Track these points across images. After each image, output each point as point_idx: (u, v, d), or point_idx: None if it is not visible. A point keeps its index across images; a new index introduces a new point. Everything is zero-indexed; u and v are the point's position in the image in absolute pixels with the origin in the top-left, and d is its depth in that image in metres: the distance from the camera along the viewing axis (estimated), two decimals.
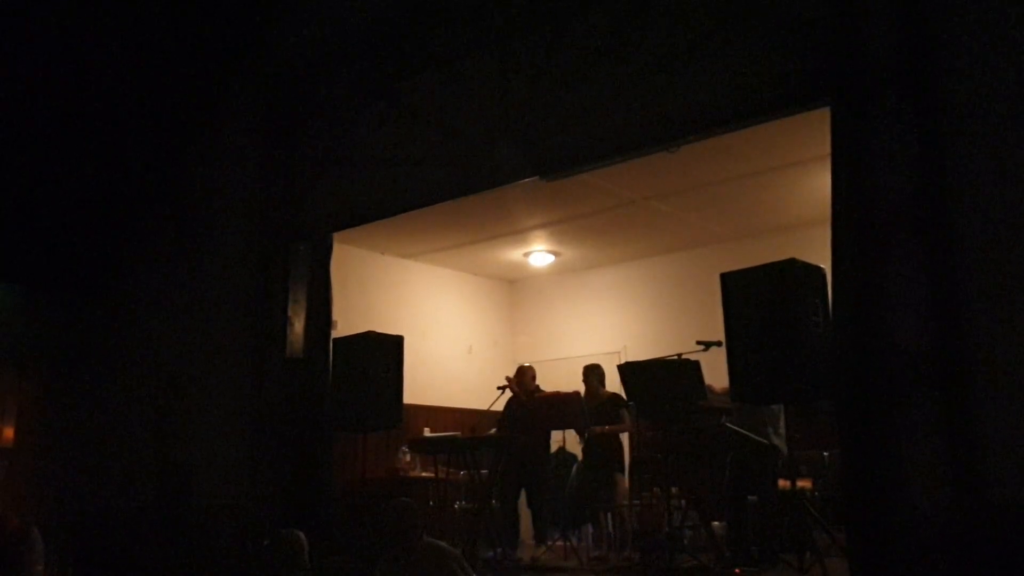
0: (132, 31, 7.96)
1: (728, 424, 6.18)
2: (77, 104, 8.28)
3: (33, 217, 8.72)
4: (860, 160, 4.68)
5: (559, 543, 7.03)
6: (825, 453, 6.74)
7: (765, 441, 6.13)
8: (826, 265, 4.98)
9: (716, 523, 6.38)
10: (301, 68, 7.89)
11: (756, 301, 5.51)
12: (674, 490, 6.48)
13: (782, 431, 6.20)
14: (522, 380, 8.02)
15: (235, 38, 8.48)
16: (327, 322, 7.46)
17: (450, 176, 6.78)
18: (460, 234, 9.69)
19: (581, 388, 7.76)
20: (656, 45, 5.74)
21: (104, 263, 9.54)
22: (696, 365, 6.15)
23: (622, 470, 7.55)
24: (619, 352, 9.74)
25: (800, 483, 6.03)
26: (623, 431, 7.62)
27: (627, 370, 6.69)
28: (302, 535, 4.85)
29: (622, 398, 7.17)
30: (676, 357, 6.24)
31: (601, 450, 7.46)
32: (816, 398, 5.41)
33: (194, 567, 7.45)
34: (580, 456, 8.19)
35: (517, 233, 9.72)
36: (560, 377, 8.59)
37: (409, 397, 7.71)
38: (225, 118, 8.76)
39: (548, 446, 7.96)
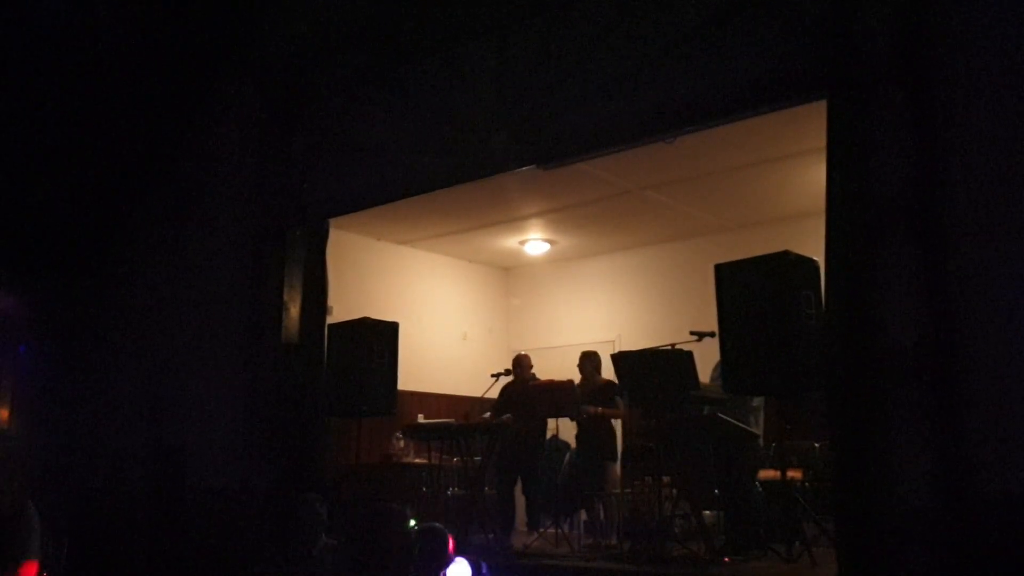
0: (129, 17, 7.93)
1: (721, 414, 6.21)
2: (74, 90, 8.26)
3: (29, 200, 8.70)
4: (855, 153, 4.70)
5: (551, 530, 7.07)
6: (816, 444, 6.79)
7: (755, 431, 6.18)
8: (820, 257, 5.00)
9: (707, 512, 6.42)
10: (299, 54, 7.87)
11: (749, 292, 5.55)
12: (665, 479, 6.51)
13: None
14: (519, 368, 8.08)
15: (233, 24, 8.45)
16: (323, 308, 7.48)
17: (447, 163, 6.78)
18: (456, 221, 9.70)
19: (575, 376, 7.80)
20: (654, 35, 5.75)
21: (100, 246, 9.54)
22: (689, 355, 6.17)
23: (614, 458, 7.59)
24: (613, 341, 9.77)
25: (790, 473, 6.07)
26: (616, 416, 7.66)
27: (620, 359, 6.71)
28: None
29: (617, 385, 7.21)
30: (669, 347, 6.26)
31: (594, 437, 7.50)
32: (807, 389, 5.44)
33: (186, 550, 7.48)
34: (573, 444, 8.23)
35: (513, 221, 9.73)
36: (554, 365, 8.62)
37: (404, 383, 7.75)
38: (223, 104, 8.74)
39: (544, 433, 8.00)
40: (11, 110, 8.10)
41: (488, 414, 8.04)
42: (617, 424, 7.86)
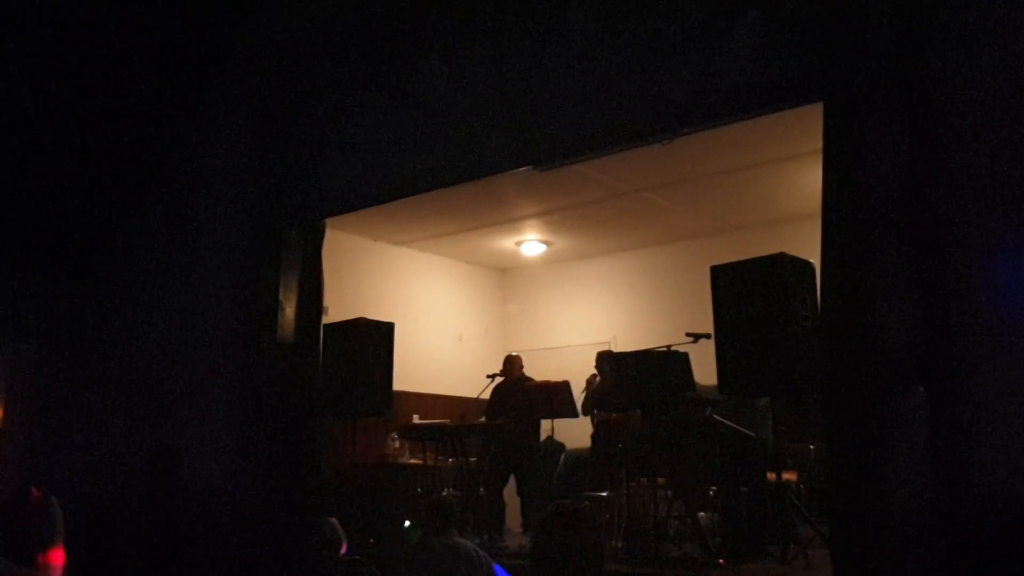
0: (126, 15, 7.92)
1: (715, 416, 6.21)
2: (72, 88, 8.24)
3: (25, 199, 8.68)
4: (851, 156, 4.70)
5: None
6: (811, 446, 6.79)
7: (752, 434, 6.18)
8: (816, 260, 5.00)
9: (702, 514, 6.42)
10: (296, 53, 7.86)
11: (745, 294, 5.55)
12: (660, 480, 6.51)
13: (770, 424, 6.26)
14: (511, 368, 8.07)
15: (230, 23, 8.44)
16: (318, 308, 7.47)
17: (443, 164, 6.78)
18: (453, 222, 9.70)
19: (571, 376, 7.79)
20: (651, 37, 5.74)
21: (96, 245, 9.51)
22: (685, 357, 6.18)
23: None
24: (609, 342, 9.76)
25: (786, 475, 6.07)
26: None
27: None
28: (336, 523, 4.78)
29: None
30: (665, 348, 6.26)
31: (613, 436, 7.43)
32: (803, 391, 5.45)
33: (180, 550, 7.47)
34: (567, 445, 8.22)
35: (509, 222, 9.73)
36: (550, 366, 8.63)
37: (399, 384, 7.75)
38: (219, 103, 8.73)
39: (538, 434, 7.99)
40: (9, 109, 8.08)
41: (483, 419, 8.04)
42: None
